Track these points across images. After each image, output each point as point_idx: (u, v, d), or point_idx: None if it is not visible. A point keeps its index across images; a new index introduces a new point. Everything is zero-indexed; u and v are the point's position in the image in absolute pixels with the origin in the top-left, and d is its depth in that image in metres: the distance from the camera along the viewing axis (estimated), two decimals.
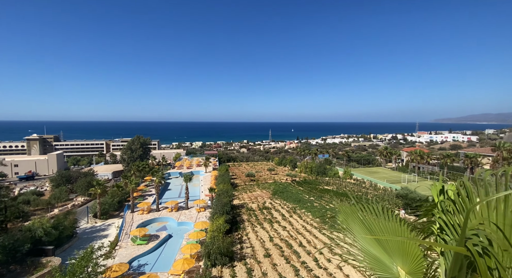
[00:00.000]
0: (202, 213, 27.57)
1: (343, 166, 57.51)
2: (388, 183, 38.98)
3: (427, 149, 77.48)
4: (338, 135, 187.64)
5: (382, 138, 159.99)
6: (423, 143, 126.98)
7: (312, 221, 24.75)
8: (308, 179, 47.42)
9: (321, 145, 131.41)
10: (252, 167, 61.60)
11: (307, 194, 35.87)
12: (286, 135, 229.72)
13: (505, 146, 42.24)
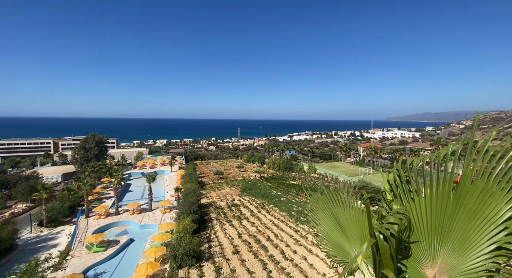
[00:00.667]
0: (168, 214, 26.40)
1: (308, 161, 60.47)
2: (347, 176, 42.26)
3: (380, 144, 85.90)
4: (303, 133, 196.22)
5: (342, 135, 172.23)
6: (377, 139, 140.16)
7: (279, 215, 25.61)
8: (276, 174, 48.77)
9: (288, 142, 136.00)
10: (221, 165, 60.93)
11: (275, 189, 36.91)
12: (254, 133, 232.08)
13: (441, 140, 49.26)
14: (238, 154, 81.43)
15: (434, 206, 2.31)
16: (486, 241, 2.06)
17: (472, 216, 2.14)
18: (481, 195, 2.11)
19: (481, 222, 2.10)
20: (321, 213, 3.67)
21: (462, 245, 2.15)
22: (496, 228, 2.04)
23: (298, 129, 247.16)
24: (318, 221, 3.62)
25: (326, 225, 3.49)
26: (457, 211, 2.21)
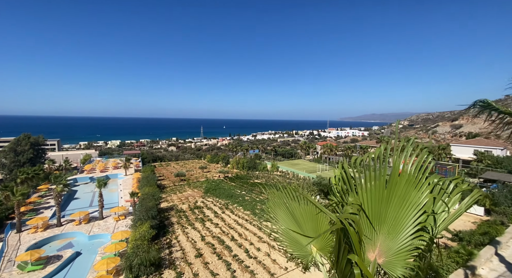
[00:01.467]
0: (122, 221, 24.23)
1: (271, 160, 62.14)
2: (307, 172, 44.76)
3: (335, 143, 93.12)
4: (267, 132, 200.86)
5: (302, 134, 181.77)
6: (332, 137, 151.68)
7: (244, 214, 25.77)
8: (240, 174, 48.87)
9: (252, 141, 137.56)
10: (183, 166, 58.44)
11: (239, 189, 36.96)
12: (218, 132, 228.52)
13: (384, 138, 55.85)
14: (201, 154, 79.27)
15: (373, 197, 2.60)
16: (412, 223, 2.40)
17: (401, 203, 2.47)
18: (406, 185, 2.45)
19: (407, 207, 2.44)
20: (278, 210, 3.82)
21: (394, 228, 2.46)
22: (419, 212, 2.42)
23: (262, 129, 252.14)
24: (276, 218, 3.78)
25: (283, 221, 3.66)
26: (390, 200, 2.52)
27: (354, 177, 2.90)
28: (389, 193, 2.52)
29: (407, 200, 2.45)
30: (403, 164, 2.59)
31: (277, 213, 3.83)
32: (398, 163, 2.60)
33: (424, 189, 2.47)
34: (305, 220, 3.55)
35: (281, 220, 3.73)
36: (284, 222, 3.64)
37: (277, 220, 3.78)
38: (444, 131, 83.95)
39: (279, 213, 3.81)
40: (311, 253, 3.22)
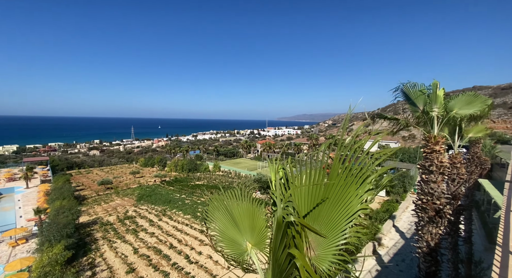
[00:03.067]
0: (22, 246, 19.27)
1: (213, 160, 61.11)
2: (248, 170, 46.02)
3: (273, 141, 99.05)
4: (208, 132, 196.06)
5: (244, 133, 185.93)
6: (271, 136, 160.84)
7: (184, 219, 24.43)
8: (179, 177, 46.09)
9: (192, 142, 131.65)
10: (109, 173, 50.89)
11: (178, 192, 34.81)
12: (153, 133, 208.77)
13: (314, 136, 62.91)
14: (133, 158, 70.98)
15: (310, 195, 2.65)
16: (344, 221, 2.48)
17: (336, 202, 2.54)
18: (343, 186, 2.51)
19: (342, 207, 2.51)
20: (216, 212, 3.78)
21: (327, 226, 2.55)
22: (352, 211, 2.48)
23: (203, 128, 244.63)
24: (214, 220, 3.72)
25: (221, 222, 3.63)
26: (326, 199, 2.58)
27: (290, 174, 3.00)
28: (325, 192, 2.62)
29: (343, 200, 2.56)
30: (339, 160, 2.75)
31: (215, 215, 3.78)
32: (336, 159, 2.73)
33: (359, 183, 2.55)
34: (242, 218, 3.61)
35: (218, 221, 3.69)
36: (221, 223, 3.62)
37: (215, 221, 3.73)
38: None
39: (217, 215, 3.77)
40: (247, 250, 3.29)
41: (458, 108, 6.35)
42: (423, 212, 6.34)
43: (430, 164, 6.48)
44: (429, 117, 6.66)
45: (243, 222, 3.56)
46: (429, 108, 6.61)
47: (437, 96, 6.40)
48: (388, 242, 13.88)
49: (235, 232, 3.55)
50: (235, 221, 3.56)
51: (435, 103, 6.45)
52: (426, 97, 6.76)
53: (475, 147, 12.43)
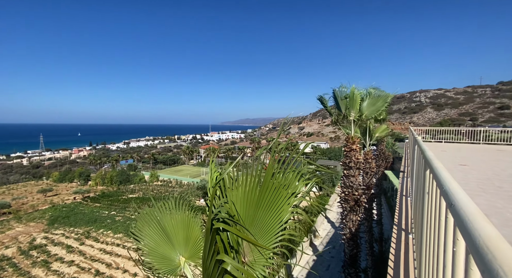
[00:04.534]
0: None
1: (150, 169, 55.69)
2: (191, 178, 43.87)
3: (217, 146, 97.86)
4: (143, 138, 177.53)
5: (185, 138, 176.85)
6: (215, 141, 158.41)
7: (114, 239, 21.25)
8: (108, 191, 40.03)
9: (124, 150, 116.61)
10: (5, 193, 39.87)
11: (106, 209, 30.13)
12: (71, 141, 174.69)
13: (256, 139, 65.30)
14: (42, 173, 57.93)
15: (246, 200, 2.62)
16: (278, 224, 2.58)
17: (270, 205, 2.59)
18: (277, 188, 2.58)
19: (276, 209, 2.58)
20: (146, 228, 3.41)
21: (262, 229, 2.61)
22: (284, 212, 2.60)
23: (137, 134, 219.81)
24: (144, 237, 3.35)
25: (151, 239, 3.28)
26: (260, 202, 2.59)
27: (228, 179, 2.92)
28: (260, 196, 2.60)
29: (277, 201, 2.58)
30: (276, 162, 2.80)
31: (145, 232, 3.41)
32: (271, 164, 2.66)
33: (292, 185, 2.67)
34: (176, 231, 3.37)
35: (148, 238, 3.34)
36: (152, 239, 3.29)
37: (144, 238, 3.36)
38: (295, 132, 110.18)
39: (147, 231, 3.41)
40: (179, 264, 3.08)
41: (366, 110, 7.62)
42: (346, 203, 7.35)
43: (349, 161, 7.57)
44: (348, 120, 7.81)
45: (177, 235, 3.34)
46: (348, 112, 7.76)
47: (354, 101, 7.54)
48: (322, 232, 15.49)
49: (167, 247, 3.29)
50: (168, 235, 3.30)
51: (353, 108, 7.59)
52: (347, 102, 7.89)
53: (381, 144, 15.34)
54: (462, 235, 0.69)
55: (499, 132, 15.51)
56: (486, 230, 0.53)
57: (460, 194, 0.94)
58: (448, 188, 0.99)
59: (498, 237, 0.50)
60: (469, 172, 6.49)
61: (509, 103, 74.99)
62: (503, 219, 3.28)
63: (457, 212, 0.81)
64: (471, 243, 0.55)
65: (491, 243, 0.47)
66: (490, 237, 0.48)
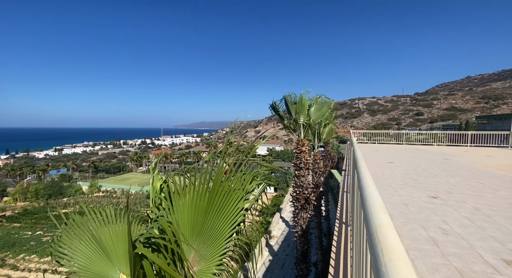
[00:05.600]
0: None
1: (89, 179, 48.87)
2: (139, 186, 40.14)
3: (170, 150, 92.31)
4: (80, 144, 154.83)
5: (133, 143, 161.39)
6: (167, 145, 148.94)
7: (40, 264, 17.82)
8: (32, 207, 33.45)
9: (54, 158, 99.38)
10: None
11: (30, 229, 25.15)
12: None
13: (213, 143, 64.01)
14: None
15: (194, 207, 2.50)
16: (229, 229, 2.54)
17: (221, 209, 2.52)
18: (227, 193, 2.53)
19: (227, 213, 2.53)
20: (77, 242, 2.95)
21: (211, 237, 2.52)
22: (236, 217, 2.56)
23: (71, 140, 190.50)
24: (73, 254, 2.89)
25: (83, 255, 2.86)
26: (209, 208, 2.51)
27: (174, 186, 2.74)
28: (209, 202, 2.51)
29: (227, 207, 2.52)
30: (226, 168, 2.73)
31: (75, 247, 2.93)
32: (221, 168, 2.58)
33: (242, 196, 2.63)
34: (116, 245, 3.00)
35: (80, 254, 2.89)
36: (84, 255, 2.86)
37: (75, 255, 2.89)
38: (251, 135, 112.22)
39: (79, 247, 2.94)
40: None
41: (314, 115, 8.28)
42: (297, 202, 7.79)
43: (300, 162, 8.07)
44: (298, 124, 8.34)
45: (117, 249, 2.98)
46: (298, 117, 8.28)
47: (303, 106, 8.09)
48: (277, 232, 16.02)
49: (103, 264, 2.91)
50: (105, 250, 2.91)
51: (302, 112, 8.14)
52: (297, 107, 8.41)
53: (328, 146, 16.85)
54: (365, 224, 0.81)
55: (416, 134, 18.81)
56: (380, 219, 0.64)
57: (371, 188, 1.10)
58: (363, 183, 1.15)
59: (387, 225, 0.61)
60: (395, 169, 7.64)
61: (423, 111, 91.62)
62: (417, 206, 3.96)
63: (365, 204, 0.94)
64: (368, 230, 0.66)
65: (380, 230, 0.57)
66: (381, 224, 0.58)
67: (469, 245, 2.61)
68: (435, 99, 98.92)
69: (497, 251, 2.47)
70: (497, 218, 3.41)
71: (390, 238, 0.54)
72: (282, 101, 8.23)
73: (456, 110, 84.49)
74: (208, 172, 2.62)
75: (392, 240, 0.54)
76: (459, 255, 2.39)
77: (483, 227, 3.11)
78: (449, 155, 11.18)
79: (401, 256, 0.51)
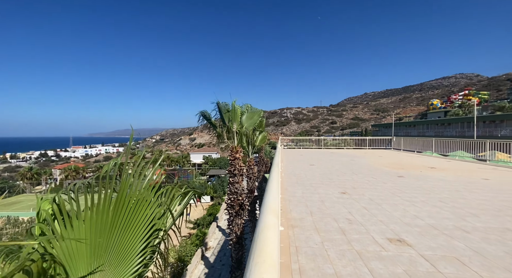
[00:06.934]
0: None
1: None
2: (34, 211, 31.60)
3: (83, 163, 77.16)
4: None
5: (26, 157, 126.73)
6: (79, 157, 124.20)
7: None
8: None
9: None
10: None
11: None
12: None
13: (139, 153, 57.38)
14: None
15: (94, 227, 2.22)
16: (139, 243, 2.30)
17: (128, 224, 2.28)
18: (136, 203, 2.34)
19: (135, 227, 2.30)
20: None
21: (118, 256, 2.25)
22: (147, 227, 2.35)
23: None
24: None
25: None
26: (115, 224, 2.26)
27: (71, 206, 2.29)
28: (114, 217, 2.26)
29: (136, 218, 2.32)
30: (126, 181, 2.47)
31: None
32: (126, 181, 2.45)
33: (153, 203, 2.44)
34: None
35: None
36: None
37: None
38: (186, 143, 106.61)
39: None
40: None
41: (246, 123, 8.62)
42: (232, 209, 7.81)
43: (234, 169, 8.16)
44: (232, 131, 8.47)
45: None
46: (231, 124, 8.41)
47: (235, 114, 8.28)
48: (214, 242, 15.55)
49: None
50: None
51: (235, 120, 8.31)
52: (230, 115, 8.53)
53: (261, 152, 17.77)
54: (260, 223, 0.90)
55: (332, 140, 22.20)
56: (266, 220, 0.72)
57: (272, 192, 1.21)
58: (267, 187, 1.25)
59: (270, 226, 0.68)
60: (315, 170, 8.74)
61: (336, 120, 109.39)
62: (331, 202, 4.63)
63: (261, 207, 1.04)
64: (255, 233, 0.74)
65: (262, 232, 0.64)
66: (266, 226, 0.65)
67: (366, 230, 3.23)
68: (344, 111, 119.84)
69: (384, 232, 3.14)
70: (384, 206, 4.36)
71: (267, 240, 0.59)
72: (215, 109, 8.21)
73: (358, 120, 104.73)
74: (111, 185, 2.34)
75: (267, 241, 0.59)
76: (359, 240, 2.91)
77: (375, 214, 3.92)
78: (354, 156, 13.66)
79: (268, 258, 0.53)
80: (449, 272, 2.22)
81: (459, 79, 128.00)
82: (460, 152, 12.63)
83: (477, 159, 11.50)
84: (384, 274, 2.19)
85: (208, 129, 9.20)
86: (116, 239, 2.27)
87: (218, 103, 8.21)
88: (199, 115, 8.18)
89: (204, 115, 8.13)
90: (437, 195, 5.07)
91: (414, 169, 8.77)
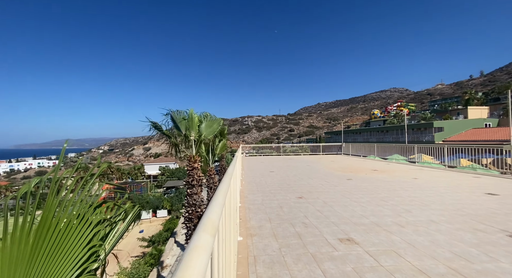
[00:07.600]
0: None
1: None
2: None
3: (7, 181, 64.33)
4: None
5: None
6: (1, 173, 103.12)
7: None
8: None
9: None
10: None
11: None
12: None
13: (82, 166, 50.59)
14: None
15: (7, 258, 1.78)
16: (72, 270, 1.97)
17: (56, 250, 1.98)
18: (67, 224, 2.03)
19: (66, 252, 2.01)
20: None
21: None
22: (83, 251, 2.01)
23: None
24: None
25: None
26: (38, 250, 1.90)
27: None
28: (37, 242, 1.91)
29: (68, 240, 2.02)
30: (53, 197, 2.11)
31: None
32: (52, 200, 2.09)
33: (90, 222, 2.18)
34: None
35: None
36: None
37: None
38: (139, 153, 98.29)
39: None
40: None
41: (205, 131, 8.40)
42: (190, 222, 7.39)
43: (192, 179, 7.79)
44: (189, 140, 8.12)
45: None
46: (188, 133, 8.07)
47: (193, 122, 7.99)
48: (171, 259, 14.38)
49: None
50: None
51: (192, 129, 8.01)
52: (187, 123, 8.18)
53: (222, 160, 17.47)
54: None
55: (290, 146, 23.18)
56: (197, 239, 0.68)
57: (217, 201, 1.18)
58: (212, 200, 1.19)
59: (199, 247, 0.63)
60: (274, 176, 8.96)
61: (293, 128, 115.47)
62: (289, 207, 4.77)
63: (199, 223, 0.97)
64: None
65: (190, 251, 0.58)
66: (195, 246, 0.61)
67: (320, 232, 3.40)
68: (300, 119, 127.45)
69: (335, 233, 3.35)
70: (336, 207, 4.68)
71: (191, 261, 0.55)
72: (167, 119, 7.81)
73: (313, 127, 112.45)
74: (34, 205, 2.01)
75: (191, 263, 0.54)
76: (314, 242, 3.04)
77: (328, 215, 4.17)
78: (310, 162, 14.50)
79: None
80: (389, 264, 2.47)
81: (393, 92, 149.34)
82: (396, 155, 14.57)
83: (408, 161, 13.38)
84: (335, 274, 2.32)
85: (166, 138, 8.69)
86: (40, 269, 1.92)
87: (172, 113, 7.86)
88: (150, 125, 7.67)
89: (155, 126, 7.67)
90: (379, 195, 5.68)
91: (360, 172, 9.72)
